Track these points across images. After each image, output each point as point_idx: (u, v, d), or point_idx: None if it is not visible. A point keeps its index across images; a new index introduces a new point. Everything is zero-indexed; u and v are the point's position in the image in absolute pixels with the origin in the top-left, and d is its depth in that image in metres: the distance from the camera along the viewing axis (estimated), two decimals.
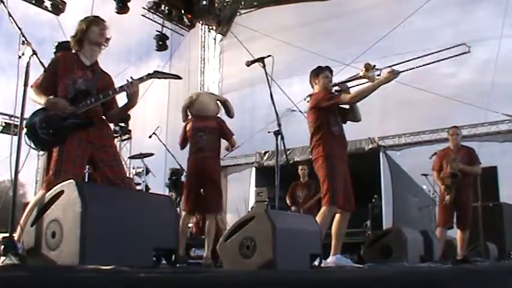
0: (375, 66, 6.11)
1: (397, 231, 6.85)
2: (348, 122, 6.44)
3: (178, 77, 5.22)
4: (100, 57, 5.05)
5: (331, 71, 6.49)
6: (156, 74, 4.91)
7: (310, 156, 6.46)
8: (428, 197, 11.25)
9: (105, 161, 4.76)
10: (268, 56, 5.71)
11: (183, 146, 7.67)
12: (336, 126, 6.23)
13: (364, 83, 6.16)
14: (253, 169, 16.21)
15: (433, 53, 6.12)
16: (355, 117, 6.39)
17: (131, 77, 4.79)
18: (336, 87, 6.34)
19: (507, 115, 13.48)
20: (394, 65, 6.01)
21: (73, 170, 4.50)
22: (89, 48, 4.95)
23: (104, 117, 4.97)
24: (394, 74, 5.91)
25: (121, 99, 4.96)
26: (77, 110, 4.64)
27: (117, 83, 4.91)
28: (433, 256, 7.32)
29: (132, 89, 4.75)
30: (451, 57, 5.98)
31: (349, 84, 6.30)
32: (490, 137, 13.74)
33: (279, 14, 17.17)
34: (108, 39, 5.04)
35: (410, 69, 6.05)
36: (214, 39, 19.34)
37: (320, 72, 6.45)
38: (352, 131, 6.77)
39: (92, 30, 4.91)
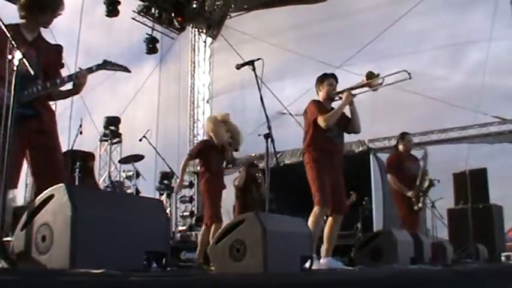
0: (378, 74, 6.19)
1: (387, 234, 6.87)
2: None
3: (127, 70, 5.05)
4: (91, 59, 4.96)
5: (336, 79, 6.57)
6: (106, 65, 4.70)
7: (301, 159, 6.53)
8: None
9: (39, 148, 4.49)
10: (258, 59, 5.72)
11: None
12: (329, 132, 6.29)
13: (366, 91, 6.28)
14: None
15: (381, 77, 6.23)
16: (354, 129, 6.53)
17: (80, 68, 4.60)
18: (340, 95, 6.43)
19: (497, 117, 13.54)
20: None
21: (15, 162, 4.14)
22: (34, 23, 4.61)
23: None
24: (351, 96, 6.20)
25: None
26: (22, 98, 4.24)
27: (109, 85, 4.82)
28: (423, 258, 7.34)
29: (80, 80, 4.57)
30: (393, 83, 6.11)
31: (353, 92, 6.36)
32: (479, 139, 13.80)
33: (269, 17, 17.18)
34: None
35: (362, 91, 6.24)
36: (205, 42, 19.34)
37: (325, 80, 6.53)
38: None
39: (45, 13, 4.58)
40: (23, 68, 4.04)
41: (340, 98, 6.37)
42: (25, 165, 4.54)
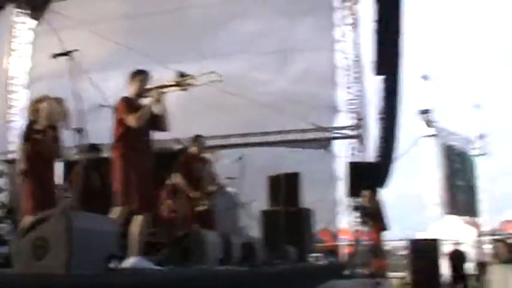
0: (188, 75, 6.19)
1: (195, 234, 6.92)
2: None
3: None
4: None
5: (149, 76, 6.47)
6: None
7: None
8: (232, 200, 11.42)
9: None
10: (76, 50, 5.52)
11: None
12: (137, 130, 6.19)
13: (175, 90, 6.26)
14: (61, 164, 15.72)
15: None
16: (162, 127, 6.43)
17: None
18: (149, 93, 6.35)
19: (314, 124, 14.14)
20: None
21: None
22: None
23: None
24: (159, 95, 6.18)
25: None
26: None
27: None
28: (231, 259, 7.45)
29: None
30: (205, 84, 6.21)
31: (164, 90, 6.30)
32: (296, 144, 14.34)
33: (100, 4, 16.62)
34: None
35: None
36: (26, 24, 18.44)
37: (137, 75, 6.44)
38: None
39: None
40: None
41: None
42: None
